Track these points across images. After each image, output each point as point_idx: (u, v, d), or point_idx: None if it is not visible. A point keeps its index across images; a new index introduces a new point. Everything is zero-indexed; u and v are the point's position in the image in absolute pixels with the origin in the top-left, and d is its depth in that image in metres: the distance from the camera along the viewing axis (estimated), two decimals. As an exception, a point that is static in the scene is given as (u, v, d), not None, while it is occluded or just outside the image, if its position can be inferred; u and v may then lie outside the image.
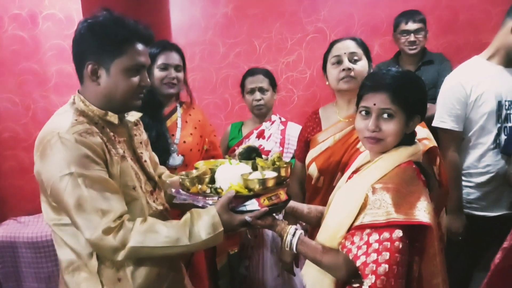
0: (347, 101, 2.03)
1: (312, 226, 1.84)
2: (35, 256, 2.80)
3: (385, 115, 1.41)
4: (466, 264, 2.46)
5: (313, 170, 2.08)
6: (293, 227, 1.51)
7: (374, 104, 1.42)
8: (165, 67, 2.35)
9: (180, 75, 2.42)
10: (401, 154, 1.44)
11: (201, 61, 3.66)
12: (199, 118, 2.56)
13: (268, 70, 2.75)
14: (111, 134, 1.51)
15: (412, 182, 1.38)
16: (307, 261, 1.52)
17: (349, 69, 1.94)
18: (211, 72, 3.68)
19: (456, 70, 2.43)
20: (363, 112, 1.46)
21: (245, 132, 2.77)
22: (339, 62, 1.98)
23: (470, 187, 2.38)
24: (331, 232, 1.43)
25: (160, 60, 2.34)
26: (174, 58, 2.39)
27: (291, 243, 1.48)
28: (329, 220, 1.49)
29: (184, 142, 2.41)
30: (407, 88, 1.42)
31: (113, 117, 1.52)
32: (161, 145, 2.28)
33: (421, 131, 1.84)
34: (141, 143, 1.68)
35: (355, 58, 1.96)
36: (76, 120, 1.42)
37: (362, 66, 1.96)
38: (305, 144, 2.20)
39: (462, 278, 2.49)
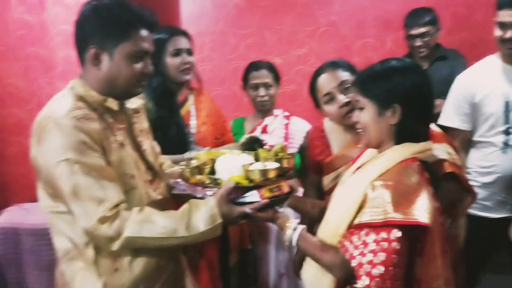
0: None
1: (316, 221, 1.79)
2: (37, 244, 2.77)
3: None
4: (469, 265, 2.41)
5: None
6: (295, 221, 1.46)
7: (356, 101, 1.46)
8: (177, 53, 2.25)
9: (193, 59, 2.33)
10: (405, 150, 1.38)
11: (211, 51, 3.61)
12: (210, 106, 2.49)
13: (272, 64, 2.66)
14: (110, 120, 1.46)
15: (414, 179, 1.31)
16: (307, 259, 1.47)
17: (348, 102, 1.77)
18: (221, 63, 3.63)
19: (468, 69, 2.41)
20: None
21: (247, 128, 2.70)
22: (332, 99, 1.81)
23: (475, 186, 2.30)
24: (331, 229, 1.39)
25: (172, 46, 2.24)
26: (185, 42, 2.29)
27: (291, 238, 1.43)
28: (329, 216, 1.44)
29: (199, 131, 2.34)
30: (371, 79, 1.41)
31: (113, 104, 1.47)
32: (182, 138, 2.23)
33: (438, 149, 1.70)
34: (141, 131, 1.63)
35: (347, 86, 1.78)
36: (74, 105, 1.38)
37: None
38: (316, 162, 2.06)
39: (467, 280, 2.44)
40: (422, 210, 1.25)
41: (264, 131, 2.60)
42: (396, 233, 1.23)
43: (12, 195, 3.11)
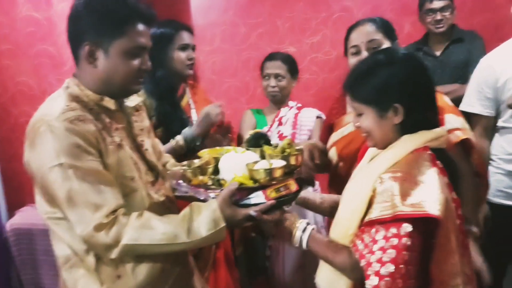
0: None
1: (327, 217, 1.72)
2: (51, 244, 2.76)
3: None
4: (496, 257, 2.25)
5: (333, 154, 1.99)
6: (304, 221, 1.39)
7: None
8: (185, 47, 2.23)
9: (195, 55, 2.32)
10: (416, 139, 1.29)
11: (221, 42, 3.51)
12: (205, 97, 2.50)
13: (289, 56, 2.65)
14: (107, 121, 1.39)
15: (424, 169, 1.23)
16: (320, 261, 1.39)
17: None
18: (232, 54, 3.53)
19: (491, 52, 2.30)
20: None
21: (268, 120, 2.68)
22: (357, 52, 1.84)
23: (501, 174, 2.26)
24: (342, 228, 1.31)
25: (179, 41, 2.22)
26: (190, 38, 2.28)
27: (301, 240, 1.36)
28: (339, 214, 1.37)
29: None
30: (359, 81, 1.33)
31: (109, 103, 1.41)
32: None
33: (455, 120, 1.69)
34: (142, 130, 1.56)
35: (375, 46, 1.80)
36: (67, 106, 1.32)
37: None
38: (328, 127, 2.11)
39: (494, 273, 2.34)
40: (432, 201, 1.16)
41: (280, 123, 2.61)
42: (407, 228, 1.15)
43: (26, 195, 3.09)
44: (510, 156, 2.22)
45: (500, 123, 2.24)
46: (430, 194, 1.17)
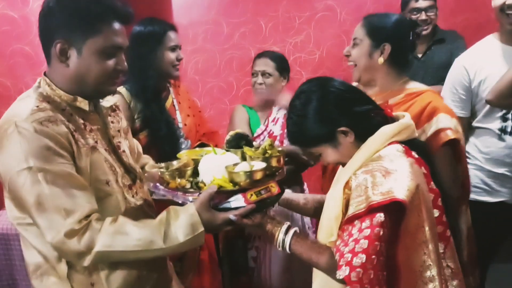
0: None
1: (311, 217, 1.69)
2: (27, 250, 2.69)
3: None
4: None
5: None
6: (286, 224, 1.34)
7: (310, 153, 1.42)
8: (175, 48, 2.21)
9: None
10: (381, 136, 1.29)
11: (204, 42, 3.47)
12: (188, 97, 2.46)
13: (280, 54, 2.61)
14: (81, 122, 1.33)
15: (396, 159, 1.23)
16: (314, 270, 1.35)
17: (347, 56, 1.84)
18: (215, 54, 3.49)
19: (465, 52, 2.30)
20: None
21: (261, 120, 2.63)
22: None
23: (476, 169, 2.27)
24: (325, 234, 1.28)
25: (170, 41, 2.19)
26: (177, 37, 2.25)
27: (283, 243, 1.32)
28: (322, 220, 1.35)
29: (185, 124, 2.30)
30: (300, 131, 1.36)
31: (83, 103, 1.35)
32: (173, 135, 2.19)
33: (448, 120, 1.66)
34: (119, 131, 1.50)
35: (353, 43, 1.81)
36: (37, 106, 1.25)
37: (356, 52, 1.79)
38: None
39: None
40: (401, 187, 1.15)
41: (274, 122, 2.59)
42: (379, 218, 1.14)
43: (3, 199, 3.00)
44: (484, 155, 2.25)
45: (474, 123, 2.26)
46: (399, 181, 1.17)
